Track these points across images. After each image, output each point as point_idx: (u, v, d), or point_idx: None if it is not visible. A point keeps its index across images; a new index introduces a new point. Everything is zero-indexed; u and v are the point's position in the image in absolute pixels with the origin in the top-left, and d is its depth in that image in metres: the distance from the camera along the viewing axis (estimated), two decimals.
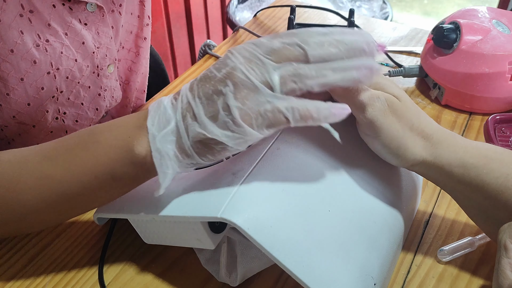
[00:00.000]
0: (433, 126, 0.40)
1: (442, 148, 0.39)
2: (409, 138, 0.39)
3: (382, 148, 0.39)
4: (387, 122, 0.38)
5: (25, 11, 0.48)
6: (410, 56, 0.80)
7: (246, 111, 0.33)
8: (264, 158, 0.39)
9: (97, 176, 0.38)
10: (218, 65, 0.35)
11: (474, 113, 0.66)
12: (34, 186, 0.39)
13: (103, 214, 0.46)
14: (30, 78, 0.51)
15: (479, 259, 0.46)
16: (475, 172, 0.38)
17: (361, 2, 1.75)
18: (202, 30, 1.93)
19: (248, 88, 0.34)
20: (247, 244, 0.42)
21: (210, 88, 0.35)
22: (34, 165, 0.39)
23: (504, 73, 0.62)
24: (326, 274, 0.35)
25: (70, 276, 0.46)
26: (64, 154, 0.39)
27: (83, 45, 0.54)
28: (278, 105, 0.33)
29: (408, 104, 0.39)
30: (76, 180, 0.38)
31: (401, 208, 0.43)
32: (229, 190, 0.37)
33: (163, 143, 0.35)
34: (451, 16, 0.70)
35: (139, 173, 0.38)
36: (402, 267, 0.45)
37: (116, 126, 0.39)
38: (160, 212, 0.39)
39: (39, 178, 0.39)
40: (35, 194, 0.39)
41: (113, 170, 0.37)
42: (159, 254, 0.47)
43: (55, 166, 0.39)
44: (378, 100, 0.38)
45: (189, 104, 0.35)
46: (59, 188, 0.39)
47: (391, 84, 0.40)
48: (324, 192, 0.39)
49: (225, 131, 0.34)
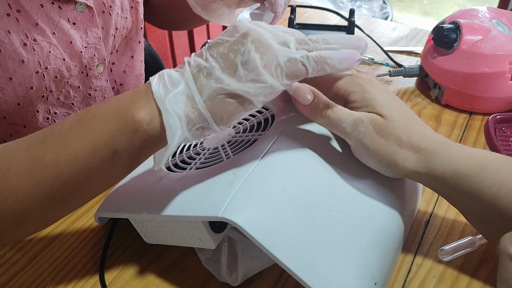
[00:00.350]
0: (425, 138, 0.39)
1: (435, 160, 0.39)
2: (399, 154, 0.39)
3: (374, 165, 0.40)
4: (374, 144, 0.39)
5: (13, 10, 0.49)
6: (410, 56, 0.80)
7: (265, 63, 0.34)
8: (265, 158, 0.39)
9: (96, 152, 0.35)
10: (228, 33, 0.36)
11: (474, 113, 0.66)
12: (25, 170, 0.35)
13: (103, 213, 0.46)
14: (19, 78, 0.51)
15: (479, 259, 0.46)
16: (468, 181, 0.38)
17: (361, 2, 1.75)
18: (202, 30, 1.93)
19: (265, 46, 0.35)
20: (248, 244, 0.42)
21: (225, 48, 0.35)
22: (25, 149, 0.36)
23: (505, 73, 0.62)
24: (327, 273, 0.35)
25: (71, 276, 0.46)
26: (58, 134, 0.36)
27: (70, 44, 0.54)
28: (295, 55, 0.35)
29: (395, 120, 0.39)
30: (72, 160, 0.35)
31: (401, 208, 0.43)
32: (229, 189, 0.37)
33: (173, 103, 0.34)
34: (451, 16, 0.70)
35: (144, 142, 0.35)
36: (403, 267, 0.45)
37: (114, 99, 0.37)
38: (161, 212, 0.39)
39: (30, 161, 0.35)
40: (28, 179, 0.35)
41: (113, 143, 0.35)
42: (160, 254, 0.47)
43: (48, 147, 0.36)
44: (362, 124, 0.38)
45: (201, 66, 0.35)
46: (54, 170, 0.35)
47: (379, 97, 0.39)
48: (324, 192, 0.39)
49: (246, 83, 0.34)
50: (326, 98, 0.39)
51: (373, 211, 0.40)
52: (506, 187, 0.37)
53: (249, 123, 0.47)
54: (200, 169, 0.43)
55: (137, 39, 0.68)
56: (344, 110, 0.39)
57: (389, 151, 0.39)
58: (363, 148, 0.39)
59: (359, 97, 0.39)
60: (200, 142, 0.48)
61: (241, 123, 0.48)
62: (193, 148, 0.48)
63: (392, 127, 0.38)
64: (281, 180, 0.38)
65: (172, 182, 0.42)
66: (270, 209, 0.36)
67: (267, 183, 0.37)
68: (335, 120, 0.39)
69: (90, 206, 0.53)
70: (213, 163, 0.43)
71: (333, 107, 0.39)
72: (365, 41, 0.38)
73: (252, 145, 0.42)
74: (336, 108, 0.39)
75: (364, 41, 0.38)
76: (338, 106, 0.39)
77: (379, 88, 0.40)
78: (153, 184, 0.43)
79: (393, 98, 0.40)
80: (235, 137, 0.46)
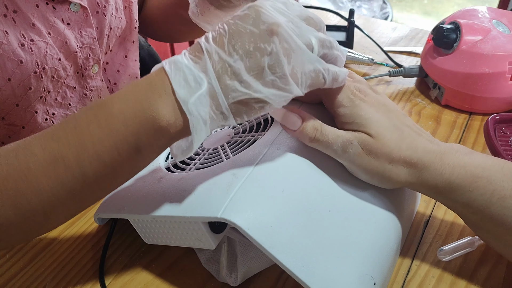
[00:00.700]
0: (417, 151, 0.39)
1: (427, 172, 0.39)
2: (391, 170, 0.39)
3: (368, 180, 0.41)
4: (364, 164, 0.39)
5: (9, 11, 0.49)
6: (410, 56, 0.80)
7: (293, 70, 0.34)
8: (264, 158, 0.39)
9: (119, 152, 0.35)
10: (251, 20, 0.34)
11: (474, 113, 0.66)
12: (46, 171, 0.35)
13: (103, 214, 0.46)
14: (17, 78, 0.51)
15: (479, 259, 0.46)
16: (460, 191, 0.38)
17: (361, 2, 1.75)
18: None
19: (292, 48, 0.34)
20: (248, 244, 0.42)
21: (250, 44, 0.33)
22: (41, 149, 0.35)
23: (504, 73, 0.62)
24: (326, 273, 0.35)
25: (71, 276, 0.46)
26: (74, 132, 0.35)
27: (66, 44, 0.54)
28: (319, 66, 0.35)
29: (385, 138, 0.39)
30: (96, 160, 0.35)
31: (400, 208, 0.44)
32: (229, 190, 0.37)
33: (198, 106, 0.33)
34: (451, 16, 0.70)
35: (168, 141, 0.35)
36: (402, 267, 0.45)
37: (127, 95, 0.35)
38: (161, 212, 0.39)
39: (50, 162, 0.35)
40: (50, 181, 0.35)
41: (137, 143, 0.35)
42: (160, 254, 0.47)
43: (66, 147, 0.35)
44: (351, 146, 0.39)
45: (224, 62, 0.33)
46: (77, 171, 0.35)
47: (368, 114, 0.39)
48: (323, 192, 0.39)
49: (271, 89, 0.34)
50: (313, 121, 0.39)
51: (373, 212, 0.41)
52: (498, 195, 0.37)
53: (249, 124, 0.47)
54: (200, 169, 0.43)
55: (131, 38, 0.68)
56: (333, 132, 0.39)
57: (380, 170, 0.39)
58: (355, 167, 0.40)
59: (348, 112, 0.39)
60: None
61: (241, 124, 0.48)
62: None
63: (382, 146, 0.38)
64: (280, 180, 0.38)
65: (171, 183, 0.42)
66: (270, 210, 0.36)
67: (266, 184, 0.38)
68: (324, 143, 0.39)
69: (90, 206, 0.53)
70: (212, 163, 0.43)
71: (322, 129, 0.39)
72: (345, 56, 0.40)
73: (251, 146, 0.42)
74: (325, 130, 0.39)
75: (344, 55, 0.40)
76: (327, 128, 0.39)
77: (370, 101, 0.40)
78: (152, 185, 0.43)
79: (384, 111, 0.40)
80: (235, 138, 0.46)
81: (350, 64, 0.77)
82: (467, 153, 0.40)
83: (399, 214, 0.43)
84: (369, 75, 0.74)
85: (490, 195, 0.37)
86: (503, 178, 0.37)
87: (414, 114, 0.66)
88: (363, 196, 0.41)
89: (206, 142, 0.48)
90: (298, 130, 0.39)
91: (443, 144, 0.41)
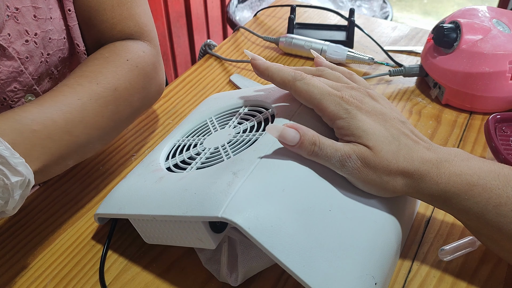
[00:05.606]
0: (414, 161, 0.39)
1: (424, 182, 0.39)
2: (388, 182, 0.39)
3: (366, 190, 0.41)
4: (363, 176, 0.39)
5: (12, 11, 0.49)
6: (410, 55, 0.80)
7: None
8: (265, 158, 0.39)
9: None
10: None
11: (474, 113, 0.66)
12: (97, 117, 0.48)
13: (103, 214, 0.46)
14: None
15: (480, 259, 0.46)
16: (456, 199, 0.38)
17: (361, 2, 1.75)
18: (202, 29, 1.93)
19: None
20: (248, 244, 0.42)
21: None
22: (82, 109, 0.47)
23: (505, 72, 0.62)
24: (327, 273, 0.35)
25: (71, 276, 0.46)
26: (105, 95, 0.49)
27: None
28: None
29: (382, 151, 0.39)
30: (129, 108, 0.53)
31: (402, 208, 0.43)
32: (230, 189, 0.37)
33: None
34: (451, 16, 0.70)
35: None
36: (403, 267, 0.45)
37: None
38: (161, 212, 0.39)
39: (97, 113, 0.48)
40: (102, 121, 0.49)
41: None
42: (160, 254, 0.47)
43: (102, 105, 0.49)
44: (350, 160, 0.39)
45: None
46: (115, 116, 0.51)
47: (366, 125, 0.39)
48: (324, 191, 0.39)
49: None
50: (311, 136, 0.39)
51: (373, 211, 0.40)
52: (493, 202, 0.37)
53: (249, 123, 0.47)
54: (200, 169, 0.43)
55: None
56: (331, 146, 0.39)
57: (378, 181, 0.39)
58: (353, 179, 0.40)
59: (346, 124, 0.40)
60: (200, 142, 0.48)
61: (241, 123, 0.48)
62: (193, 148, 0.48)
63: (380, 160, 0.39)
64: (281, 180, 0.38)
65: (172, 182, 0.42)
66: (270, 209, 0.36)
67: (267, 183, 0.37)
68: (323, 157, 0.39)
69: (90, 206, 0.53)
70: (213, 163, 0.43)
71: (320, 143, 0.39)
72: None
73: (252, 145, 0.42)
74: (323, 144, 0.39)
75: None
76: (324, 142, 0.39)
77: (367, 109, 0.40)
78: (153, 185, 0.43)
79: (381, 120, 0.40)
80: (235, 137, 0.46)
81: (351, 63, 0.77)
82: (464, 159, 0.39)
83: (400, 214, 0.43)
84: (369, 75, 0.74)
85: (485, 203, 0.37)
86: (499, 186, 0.37)
87: (414, 113, 0.66)
88: (364, 195, 0.41)
89: (207, 142, 0.48)
90: (297, 145, 0.39)
91: (441, 150, 0.40)
